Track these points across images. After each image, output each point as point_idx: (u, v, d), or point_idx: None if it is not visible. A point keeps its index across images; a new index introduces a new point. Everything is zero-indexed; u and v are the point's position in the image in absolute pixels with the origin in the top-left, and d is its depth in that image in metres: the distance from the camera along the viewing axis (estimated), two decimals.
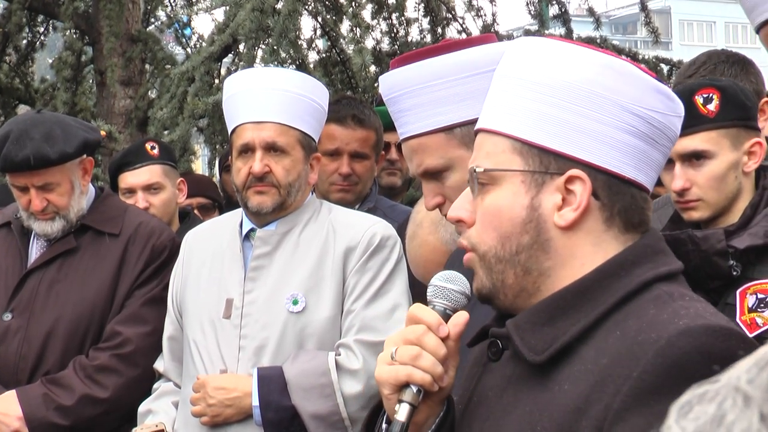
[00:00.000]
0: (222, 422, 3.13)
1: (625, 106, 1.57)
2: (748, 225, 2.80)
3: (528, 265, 1.60)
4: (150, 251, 3.62)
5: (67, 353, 3.52)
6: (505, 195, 1.61)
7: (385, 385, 1.65)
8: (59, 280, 3.59)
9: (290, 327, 3.14)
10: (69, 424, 3.43)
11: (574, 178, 1.57)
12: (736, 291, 2.76)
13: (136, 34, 7.16)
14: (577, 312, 1.55)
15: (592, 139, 1.57)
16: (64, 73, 7.16)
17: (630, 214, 1.60)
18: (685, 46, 54.36)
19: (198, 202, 5.33)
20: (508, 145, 1.61)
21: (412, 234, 2.95)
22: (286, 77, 3.28)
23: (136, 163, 4.51)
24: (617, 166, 1.58)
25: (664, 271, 1.56)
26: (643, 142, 1.59)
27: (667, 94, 1.62)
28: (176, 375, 3.39)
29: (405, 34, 7.39)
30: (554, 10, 7.78)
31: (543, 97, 1.59)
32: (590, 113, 1.57)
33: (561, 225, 1.58)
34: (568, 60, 1.60)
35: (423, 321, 1.65)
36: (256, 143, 3.18)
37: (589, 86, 1.57)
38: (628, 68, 1.59)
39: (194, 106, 5.80)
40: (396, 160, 4.61)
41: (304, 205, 3.30)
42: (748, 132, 2.83)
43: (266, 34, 6.05)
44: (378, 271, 3.18)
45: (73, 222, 3.62)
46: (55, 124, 3.54)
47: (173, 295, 3.42)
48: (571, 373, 1.51)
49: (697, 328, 1.41)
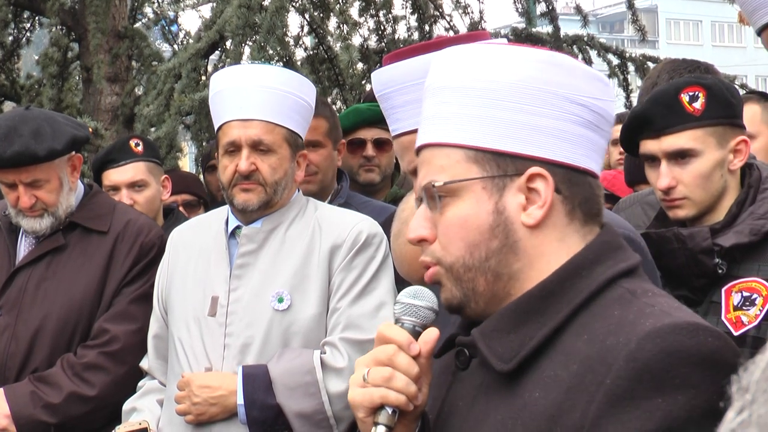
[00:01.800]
0: (207, 420, 3.12)
1: (570, 98, 1.58)
2: (734, 223, 2.81)
3: (498, 269, 1.59)
4: (138, 249, 3.61)
5: (55, 351, 3.51)
6: (469, 205, 1.59)
7: (359, 409, 1.61)
8: (47, 277, 3.58)
9: (275, 325, 3.13)
10: (56, 421, 3.42)
11: (535, 176, 1.57)
12: (722, 289, 2.77)
13: (123, 31, 7.13)
14: (542, 316, 1.54)
15: (544, 135, 1.57)
16: (50, 69, 7.13)
17: (590, 205, 1.61)
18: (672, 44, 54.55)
19: (183, 199, 5.31)
20: (461, 155, 1.60)
21: (397, 232, 2.94)
22: (273, 74, 3.27)
23: (120, 161, 4.50)
24: (572, 158, 1.59)
25: (623, 267, 1.56)
26: (590, 130, 1.60)
27: (603, 80, 1.63)
28: (161, 373, 3.39)
29: (392, 31, 7.39)
30: (542, 8, 7.79)
31: (488, 101, 1.58)
32: (538, 110, 1.57)
33: (529, 224, 1.57)
34: (507, 61, 1.60)
35: (393, 340, 1.62)
36: (243, 141, 3.17)
37: (531, 83, 1.57)
38: (565, 60, 1.60)
39: (181, 102, 5.78)
40: (373, 156, 4.60)
41: (291, 202, 3.30)
42: (733, 130, 2.84)
43: (253, 31, 6.04)
44: (364, 269, 3.18)
45: (61, 219, 3.61)
46: (44, 121, 3.53)
47: (159, 292, 3.41)
48: (541, 380, 1.50)
49: (664, 327, 1.41)
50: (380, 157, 4.61)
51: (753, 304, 2.73)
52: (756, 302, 2.72)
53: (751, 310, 2.73)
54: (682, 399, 1.36)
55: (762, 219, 2.77)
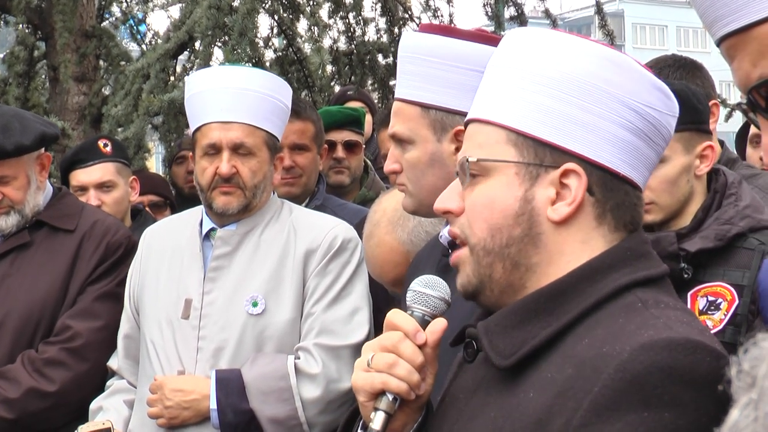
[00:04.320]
0: (179, 424, 3.12)
1: (624, 101, 1.54)
2: (700, 228, 2.83)
3: (517, 258, 1.56)
4: (105, 248, 3.60)
5: (16, 347, 3.49)
6: (498, 186, 1.57)
7: (360, 392, 1.62)
8: (11, 274, 3.57)
9: (249, 329, 3.12)
10: (14, 417, 3.40)
11: (570, 172, 1.54)
12: (687, 294, 2.79)
13: (91, 30, 7.07)
14: (549, 316, 1.51)
15: (588, 133, 1.54)
16: (17, 68, 7.06)
17: (622, 212, 1.57)
18: (638, 49, 54.87)
19: (150, 200, 5.30)
20: (502, 135, 1.58)
21: (369, 233, 2.95)
22: (252, 77, 3.25)
23: (88, 161, 4.47)
24: (612, 162, 1.55)
25: (641, 276, 1.53)
26: (639, 138, 1.56)
27: (665, 91, 1.59)
28: (130, 373, 3.37)
29: (362, 33, 7.38)
30: (511, 12, 7.80)
31: (540, 87, 1.56)
32: (588, 106, 1.53)
33: (554, 219, 1.55)
34: (567, 51, 1.56)
35: (400, 328, 1.62)
36: (224, 144, 3.16)
37: (587, 78, 1.54)
38: (627, 62, 1.57)
39: (149, 103, 5.74)
40: (343, 158, 4.61)
41: (266, 205, 3.28)
42: (700, 135, 2.87)
43: (223, 32, 6.01)
44: (339, 274, 3.17)
45: (28, 217, 3.60)
46: (13, 117, 3.53)
47: (130, 292, 3.39)
48: (538, 380, 1.48)
49: (660, 341, 1.37)
50: (350, 159, 4.62)
51: (718, 309, 2.75)
52: (721, 307, 2.75)
53: (716, 315, 2.75)
54: (668, 417, 1.33)
55: (727, 224, 2.79)
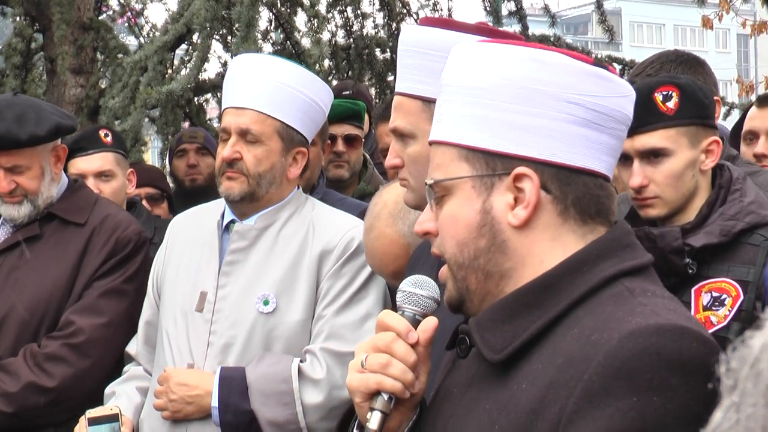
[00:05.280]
0: (182, 418, 3.09)
1: (560, 96, 1.56)
2: (704, 223, 2.81)
3: (488, 268, 1.59)
4: (114, 243, 3.57)
5: (20, 340, 3.47)
6: (459, 202, 1.61)
7: (356, 393, 1.65)
8: (19, 266, 3.55)
9: (259, 328, 3.09)
10: (12, 411, 3.38)
11: (521, 176, 1.57)
12: (692, 289, 2.78)
13: (88, 22, 7.04)
14: (539, 308, 1.54)
15: (533, 135, 1.56)
16: (14, 59, 7.04)
17: (585, 204, 1.59)
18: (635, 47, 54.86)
19: (146, 193, 5.28)
20: (454, 153, 1.62)
21: (369, 226, 2.92)
22: (286, 70, 3.20)
23: (89, 149, 4.45)
24: (564, 157, 1.57)
25: (628, 266, 1.55)
26: (587, 128, 1.58)
27: (605, 76, 1.60)
28: (147, 360, 3.36)
29: (360, 27, 7.36)
30: (510, 7, 7.79)
31: (478, 100, 1.59)
32: (526, 109, 1.56)
33: (515, 224, 1.57)
34: (496, 60, 1.59)
35: (392, 328, 1.65)
36: (232, 128, 3.14)
37: (520, 82, 1.56)
38: (556, 58, 1.58)
39: (147, 95, 5.72)
40: (342, 152, 4.59)
41: (287, 200, 3.24)
42: (706, 130, 2.85)
43: (221, 24, 5.99)
44: (352, 278, 3.12)
45: (40, 208, 3.59)
46: (30, 108, 3.52)
47: (154, 278, 3.38)
48: (530, 372, 1.50)
49: (648, 327, 1.40)
50: (350, 153, 4.60)
51: (722, 305, 2.73)
52: (725, 303, 2.73)
53: (720, 311, 2.73)
54: (657, 401, 1.35)
55: (732, 220, 2.78)
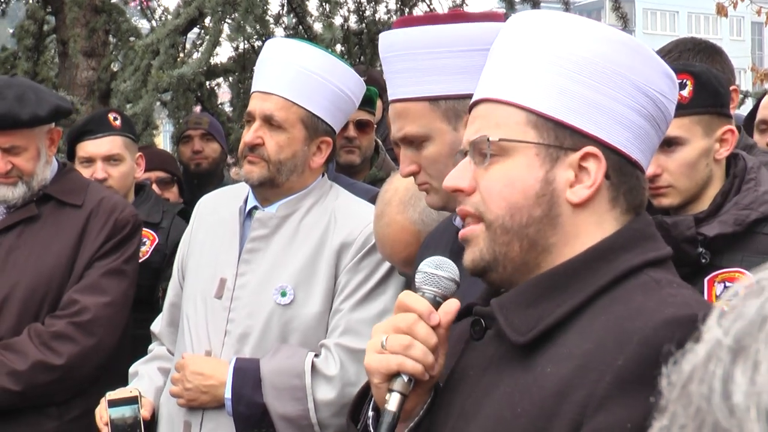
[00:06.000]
0: (197, 406, 3.09)
1: (639, 86, 1.56)
2: (718, 213, 2.79)
3: (536, 238, 1.58)
4: (113, 224, 3.59)
5: (22, 320, 3.47)
6: (518, 166, 1.58)
7: (375, 374, 1.63)
8: (18, 246, 3.56)
9: (275, 319, 3.07)
10: (21, 389, 3.39)
11: (589, 156, 1.56)
12: (704, 279, 2.76)
13: (100, 5, 7.03)
14: (563, 294, 1.53)
15: (606, 117, 1.56)
16: (26, 42, 7.03)
17: (633, 196, 1.61)
18: (648, 34, 54.75)
19: (157, 176, 5.26)
20: (522, 117, 1.59)
21: (379, 213, 2.90)
22: (309, 55, 3.15)
23: (97, 132, 4.43)
24: (627, 147, 1.58)
25: (651, 257, 1.56)
26: (650, 124, 1.59)
27: (674, 79, 1.62)
28: (170, 341, 3.37)
29: (373, 12, 7.33)
30: None
31: (560, 70, 1.57)
32: (605, 90, 1.55)
33: (573, 201, 1.57)
34: (584, 34, 1.58)
35: (414, 309, 1.62)
36: (256, 113, 3.13)
37: (605, 62, 1.56)
38: (642, 47, 1.59)
39: (158, 79, 5.70)
40: (354, 137, 4.57)
41: (310, 188, 3.21)
42: (720, 119, 2.82)
43: (233, 8, 5.97)
44: (371, 273, 3.09)
45: (35, 190, 3.59)
46: (28, 88, 3.53)
47: (179, 260, 3.38)
48: (554, 356, 1.50)
49: (684, 318, 1.39)
50: (361, 138, 4.57)
51: None
52: None
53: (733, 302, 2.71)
54: None
55: (746, 209, 2.76)
